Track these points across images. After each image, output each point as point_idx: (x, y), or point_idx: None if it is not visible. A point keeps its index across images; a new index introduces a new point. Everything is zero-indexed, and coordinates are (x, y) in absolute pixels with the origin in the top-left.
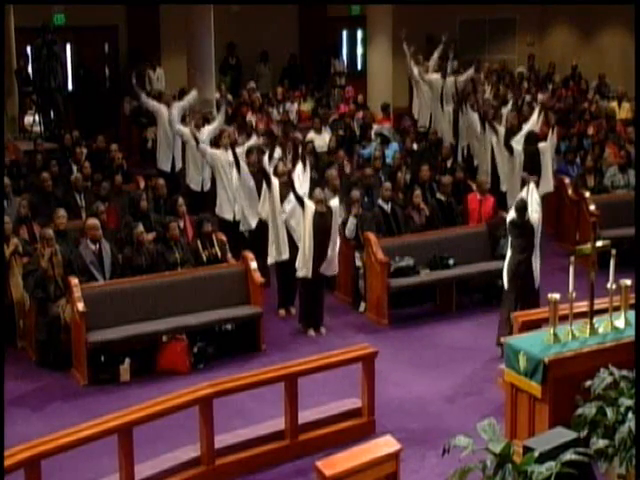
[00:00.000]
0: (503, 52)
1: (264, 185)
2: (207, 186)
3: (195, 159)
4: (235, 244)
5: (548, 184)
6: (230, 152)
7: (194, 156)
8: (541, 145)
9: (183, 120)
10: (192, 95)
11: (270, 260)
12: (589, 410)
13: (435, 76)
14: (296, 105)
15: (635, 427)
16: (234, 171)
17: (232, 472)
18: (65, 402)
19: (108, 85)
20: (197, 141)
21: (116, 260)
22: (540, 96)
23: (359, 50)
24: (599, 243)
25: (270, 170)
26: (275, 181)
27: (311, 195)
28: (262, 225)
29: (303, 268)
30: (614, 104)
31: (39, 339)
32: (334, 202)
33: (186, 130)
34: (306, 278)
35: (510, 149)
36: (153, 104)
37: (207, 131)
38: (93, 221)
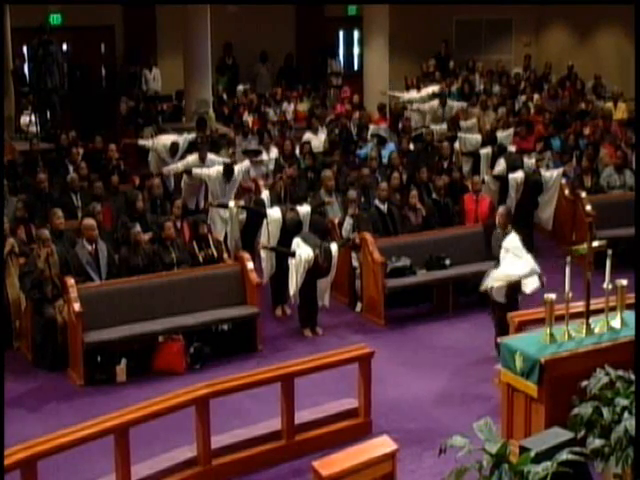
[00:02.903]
0: (499, 52)
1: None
2: (201, 204)
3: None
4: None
5: (545, 216)
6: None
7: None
8: (547, 177)
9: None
10: (192, 159)
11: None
12: (585, 410)
13: (432, 103)
14: (293, 105)
15: (635, 427)
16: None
17: (229, 472)
18: (61, 402)
19: (104, 85)
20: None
21: (112, 260)
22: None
23: (356, 50)
24: (595, 243)
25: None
26: (273, 213)
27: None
28: None
29: (292, 289)
30: (610, 104)
31: (35, 340)
32: (333, 246)
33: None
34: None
35: (498, 178)
36: (150, 145)
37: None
38: (89, 221)
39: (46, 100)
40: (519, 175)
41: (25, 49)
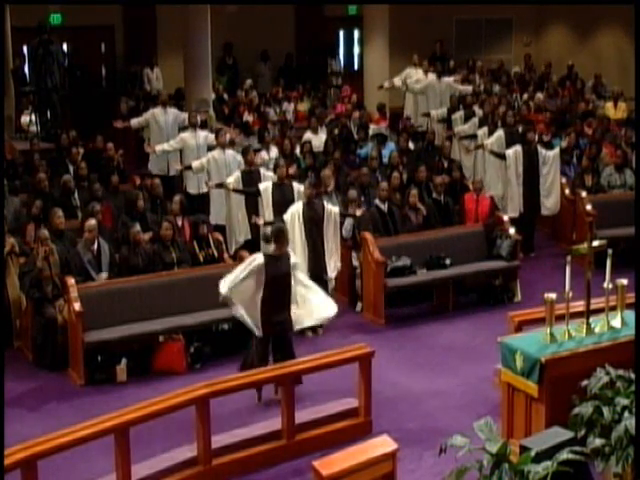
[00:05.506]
0: (500, 52)
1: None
2: (204, 188)
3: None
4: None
5: (550, 203)
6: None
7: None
8: (544, 154)
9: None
10: (183, 136)
11: None
12: (585, 409)
13: (430, 77)
14: (293, 105)
15: (635, 426)
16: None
17: (229, 472)
18: (61, 402)
19: (105, 85)
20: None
21: (113, 260)
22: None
23: (356, 50)
24: (595, 243)
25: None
26: (264, 186)
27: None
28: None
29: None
30: (610, 104)
31: (36, 339)
32: (332, 207)
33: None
34: None
35: (497, 155)
36: (144, 118)
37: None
38: (89, 222)
39: (46, 100)
40: (516, 148)
41: (25, 49)
